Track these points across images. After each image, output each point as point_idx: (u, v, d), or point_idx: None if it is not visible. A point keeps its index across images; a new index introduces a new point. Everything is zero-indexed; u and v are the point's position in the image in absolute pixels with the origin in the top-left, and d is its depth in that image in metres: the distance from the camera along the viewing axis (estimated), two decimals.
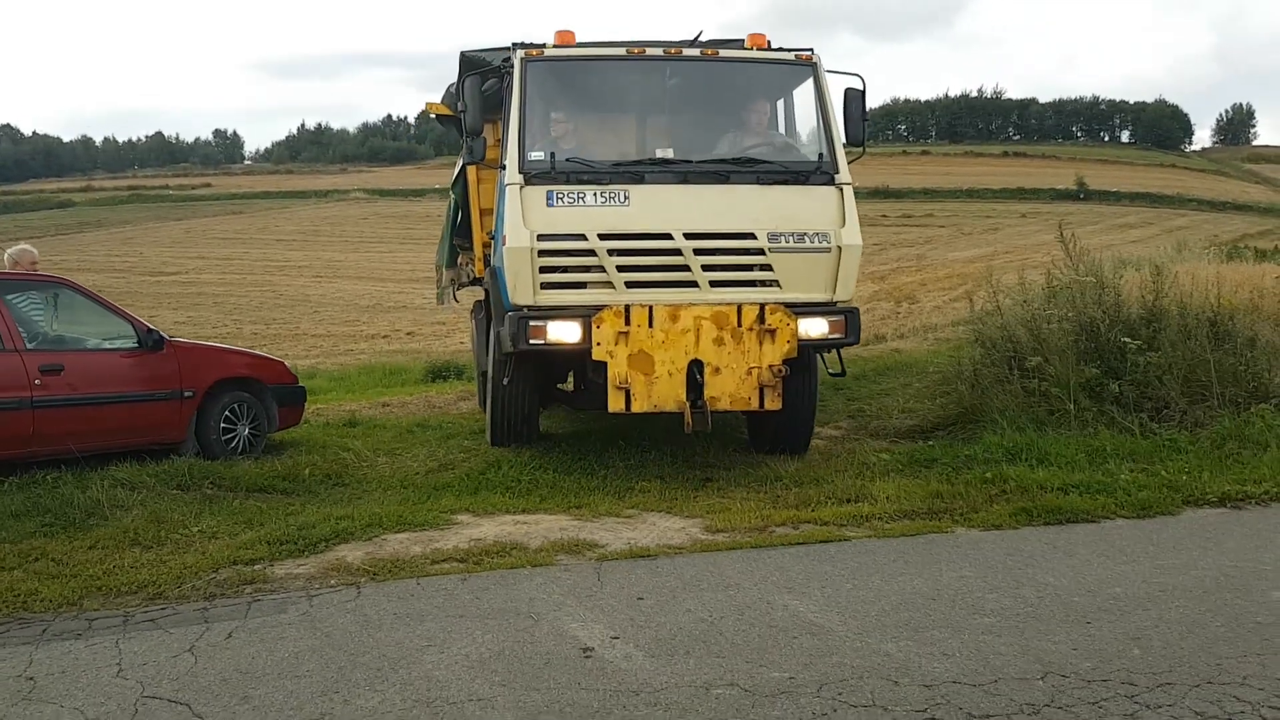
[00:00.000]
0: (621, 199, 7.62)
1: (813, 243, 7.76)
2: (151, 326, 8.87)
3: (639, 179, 7.73)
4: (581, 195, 7.60)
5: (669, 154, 8.00)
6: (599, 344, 7.45)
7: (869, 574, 5.45)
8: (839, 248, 7.80)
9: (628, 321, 7.47)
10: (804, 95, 8.60)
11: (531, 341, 7.50)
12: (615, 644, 4.47)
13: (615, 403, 7.49)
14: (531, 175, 7.63)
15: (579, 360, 8.05)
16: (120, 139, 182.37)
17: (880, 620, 4.74)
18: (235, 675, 4.19)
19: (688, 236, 7.63)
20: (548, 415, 10.47)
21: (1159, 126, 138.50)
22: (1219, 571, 5.39)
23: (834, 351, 8.42)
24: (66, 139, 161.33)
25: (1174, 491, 6.92)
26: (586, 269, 7.66)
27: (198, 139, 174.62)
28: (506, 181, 7.69)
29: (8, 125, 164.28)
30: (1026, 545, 5.97)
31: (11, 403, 7.74)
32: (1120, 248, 28.37)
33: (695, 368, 7.56)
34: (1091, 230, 54.36)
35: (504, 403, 8.80)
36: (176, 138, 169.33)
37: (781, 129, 8.95)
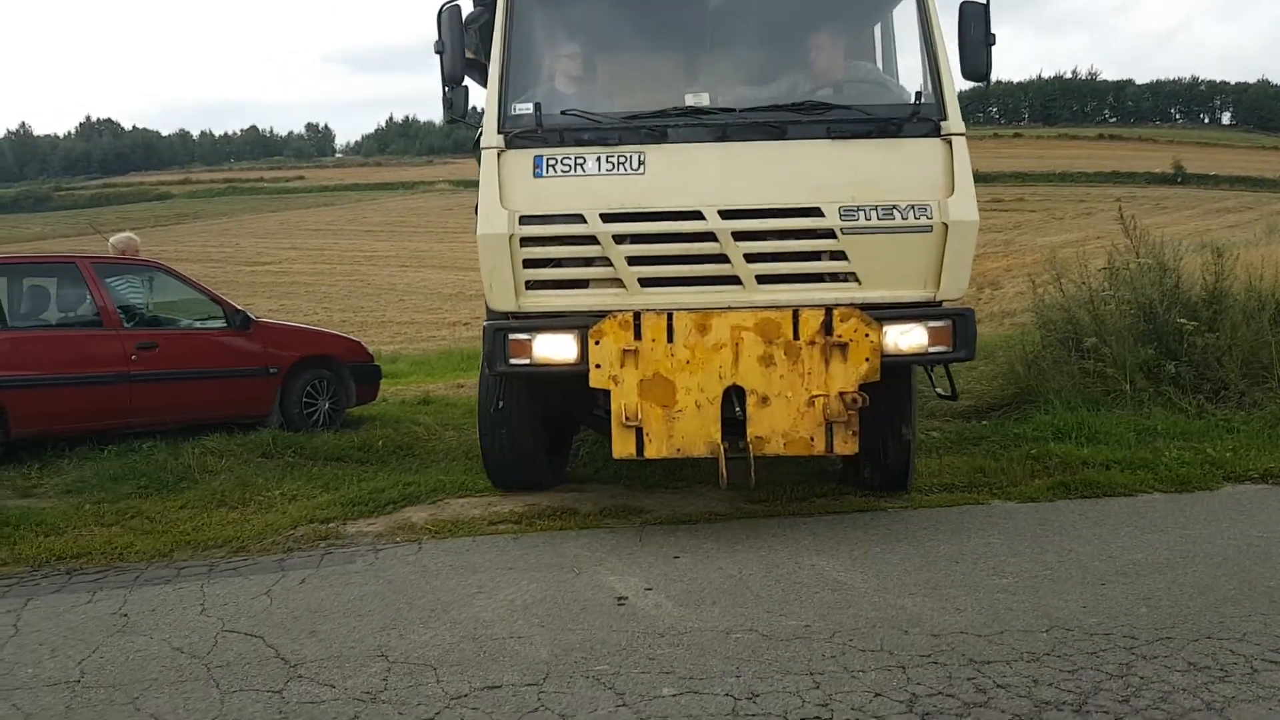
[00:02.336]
0: (635, 165, 5.70)
1: (906, 218, 5.63)
2: (239, 307, 9.48)
3: (660, 137, 5.76)
4: (581, 161, 5.71)
5: (703, 100, 5.93)
6: (598, 366, 5.54)
7: (898, 539, 5.72)
8: (945, 225, 5.59)
9: (638, 334, 5.52)
10: (905, 17, 6.34)
11: (512, 361, 5.73)
12: (648, 594, 4.83)
13: (622, 446, 5.53)
14: (514, 135, 5.77)
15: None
16: (216, 133, 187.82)
17: (900, 579, 5.02)
18: (305, 614, 4.67)
19: (725, 215, 5.60)
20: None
21: (1261, 108, 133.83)
22: (1244, 541, 5.54)
23: (945, 368, 6.35)
24: (165, 133, 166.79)
25: (1216, 468, 7.03)
26: (588, 262, 5.74)
27: (290, 132, 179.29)
28: (483, 144, 5.84)
29: (109, 120, 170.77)
30: (1059, 516, 6.17)
31: (111, 377, 8.42)
32: (1216, 232, 27.79)
33: (734, 397, 5.57)
34: (1188, 215, 52.99)
35: (495, 437, 6.78)
36: (270, 131, 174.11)
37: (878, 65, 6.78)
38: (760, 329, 5.57)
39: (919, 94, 5.83)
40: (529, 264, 5.74)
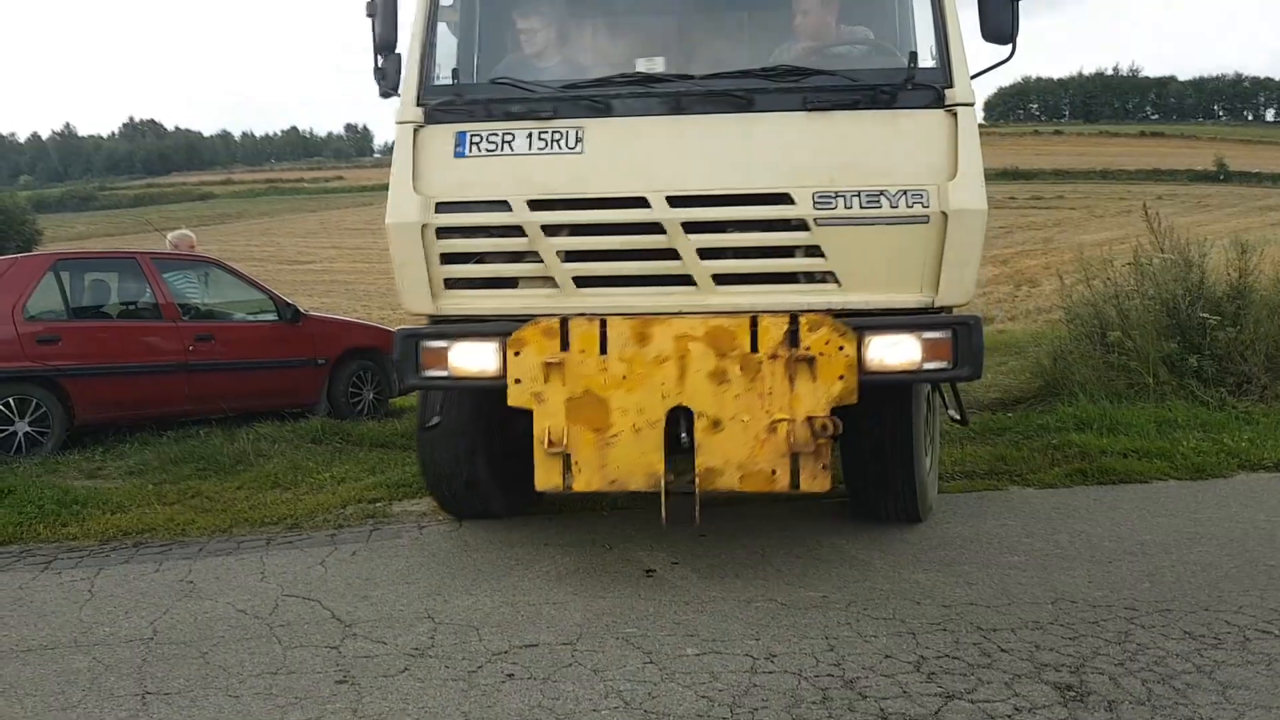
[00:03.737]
0: (571, 142, 4.86)
1: (896, 206, 4.68)
2: (290, 301, 9.92)
3: (602, 109, 4.88)
4: (509, 138, 4.90)
5: (657, 66, 5.02)
6: (517, 380, 4.71)
7: (915, 521, 5.98)
8: (944, 214, 4.64)
9: (565, 343, 4.68)
10: None
11: (426, 373, 4.98)
12: (675, 568, 5.14)
13: (545, 475, 4.68)
14: (435, 107, 5.00)
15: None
16: (257, 134, 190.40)
17: (916, 557, 5.29)
18: (357, 581, 5.03)
19: (674, 202, 4.73)
20: None
21: None
22: (1250, 525, 5.76)
23: (950, 387, 5.71)
24: (207, 134, 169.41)
25: (1231, 457, 7.24)
26: (517, 257, 4.95)
27: (330, 133, 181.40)
28: (397, 119, 5.06)
29: (152, 120, 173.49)
30: (1074, 501, 6.41)
31: (170, 367, 8.90)
32: (1257, 230, 27.68)
33: (680, 420, 4.68)
34: (1229, 213, 52.53)
35: (434, 459, 5.95)
36: (310, 132, 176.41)
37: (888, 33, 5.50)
38: (711, 339, 4.61)
39: (914, 55, 4.92)
40: (448, 259, 4.97)
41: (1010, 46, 4.98)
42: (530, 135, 4.90)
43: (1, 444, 8.32)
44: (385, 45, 5.18)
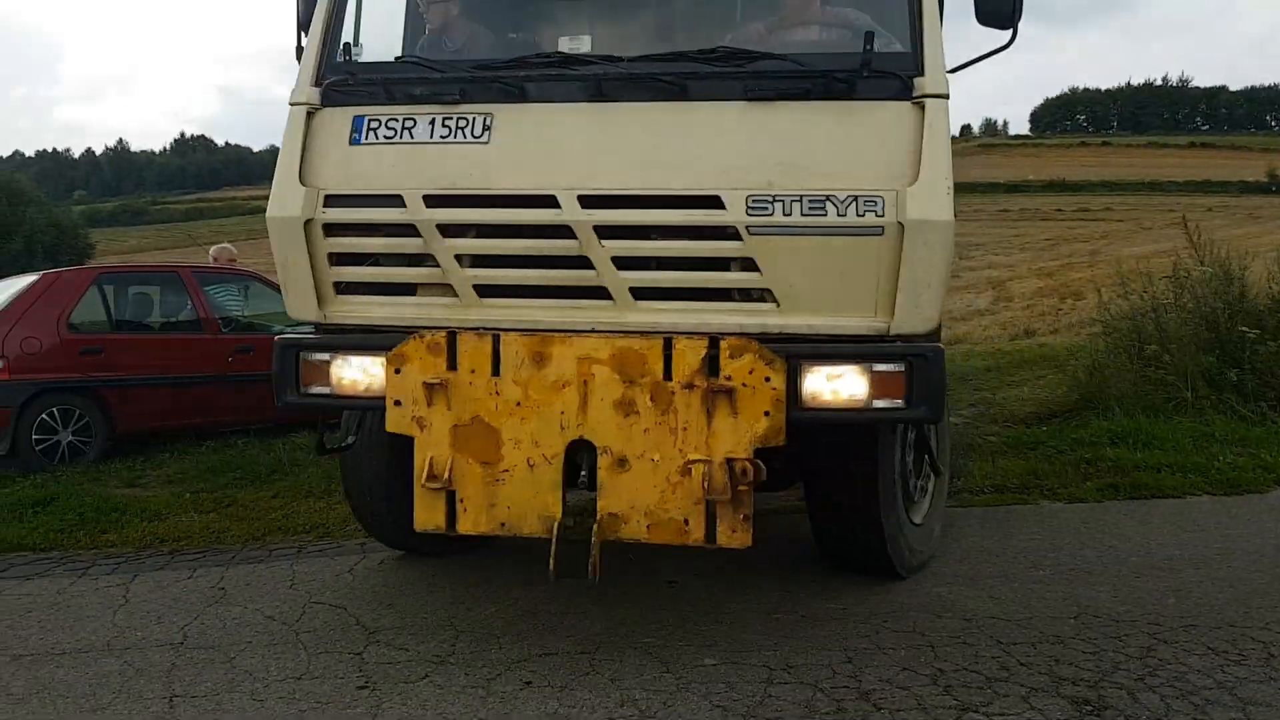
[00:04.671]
0: (477, 130, 4.28)
1: (844, 214, 4.00)
2: None
3: (515, 93, 4.30)
4: (410, 123, 4.34)
5: (582, 45, 4.53)
6: (397, 403, 4.14)
7: (941, 535, 5.95)
8: (900, 224, 3.95)
9: (451, 361, 4.11)
10: None
11: (306, 389, 4.41)
12: (697, 579, 5.17)
13: (426, 513, 4.13)
14: (331, 87, 4.47)
15: None
16: None
17: (940, 571, 5.27)
18: (383, 589, 5.11)
19: (587, 203, 4.13)
20: None
21: None
22: None
23: (918, 431, 5.10)
24: (256, 149, 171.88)
25: (1268, 473, 7.13)
26: (414, 260, 4.37)
27: None
28: (291, 100, 4.51)
29: (203, 136, 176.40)
30: (1104, 516, 6.35)
31: (210, 378, 9.07)
32: None
33: (582, 456, 4.09)
34: None
35: (359, 484, 5.44)
36: None
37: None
38: (618, 363, 4.01)
39: (870, 35, 4.12)
40: (338, 259, 4.41)
41: (1010, 32, 4.38)
42: (434, 121, 4.33)
43: (45, 453, 8.53)
44: (309, 22, 4.68)
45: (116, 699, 3.90)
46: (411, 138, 4.34)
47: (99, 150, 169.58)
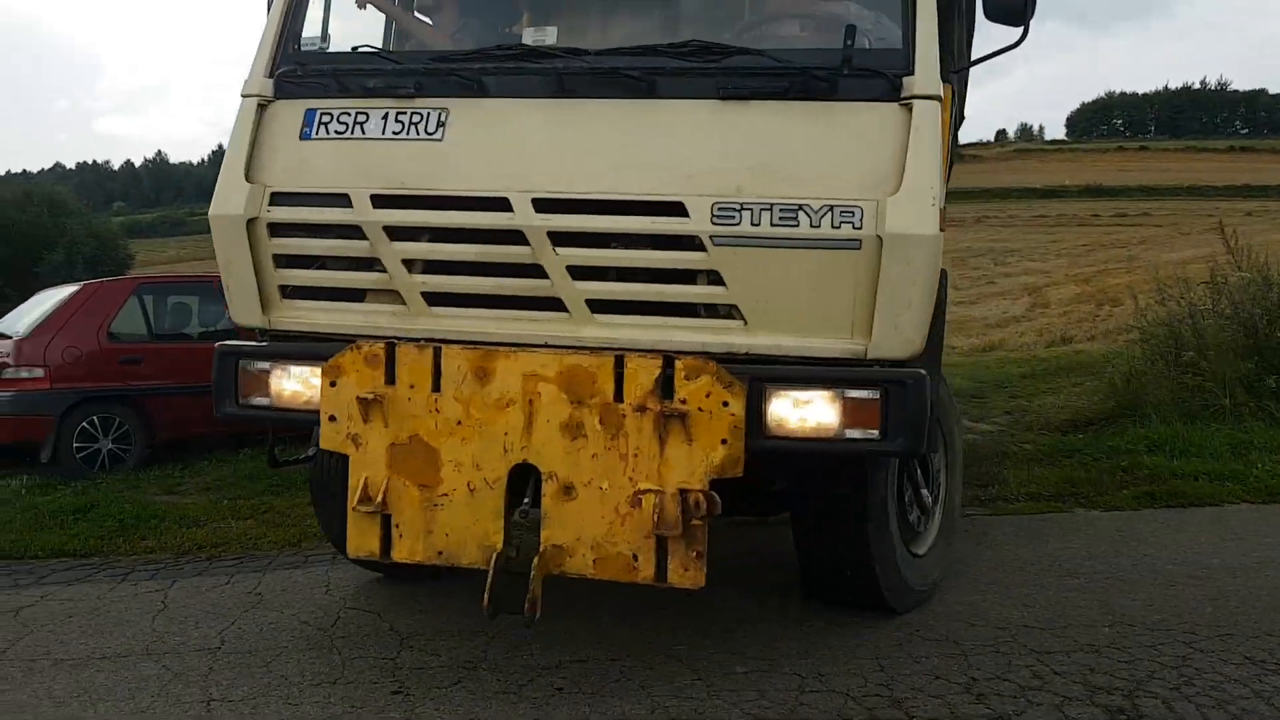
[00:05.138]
0: (431, 127, 4.02)
1: (818, 226, 3.67)
2: None
3: (473, 87, 4.03)
4: (363, 118, 4.09)
5: (547, 37, 4.21)
6: (332, 418, 3.88)
7: (977, 544, 5.93)
8: (879, 238, 3.63)
9: (390, 375, 3.84)
10: None
11: (246, 400, 4.19)
12: (729, 587, 5.13)
13: (359, 538, 3.89)
14: (285, 78, 4.23)
15: None
16: None
17: (974, 579, 5.25)
18: (418, 594, 5.15)
19: (541, 207, 3.85)
20: None
21: None
22: None
23: (896, 465, 4.57)
24: None
25: None
26: (365, 263, 4.13)
27: None
28: (242, 91, 4.27)
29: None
30: (1140, 524, 6.29)
31: None
32: None
33: (526, 480, 3.80)
34: None
35: (322, 492, 5.32)
36: None
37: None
38: (566, 382, 3.71)
39: (851, 29, 3.79)
40: (284, 261, 4.17)
41: (1023, 29, 3.98)
42: (386, 116, 4.06)
43: (86, 460, 8.68)
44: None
45: (155, 702, 3.96)
46: (363, 133, 4.08)
47: (138, 162, 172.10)
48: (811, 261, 3.71)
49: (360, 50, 4.38)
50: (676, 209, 3.76)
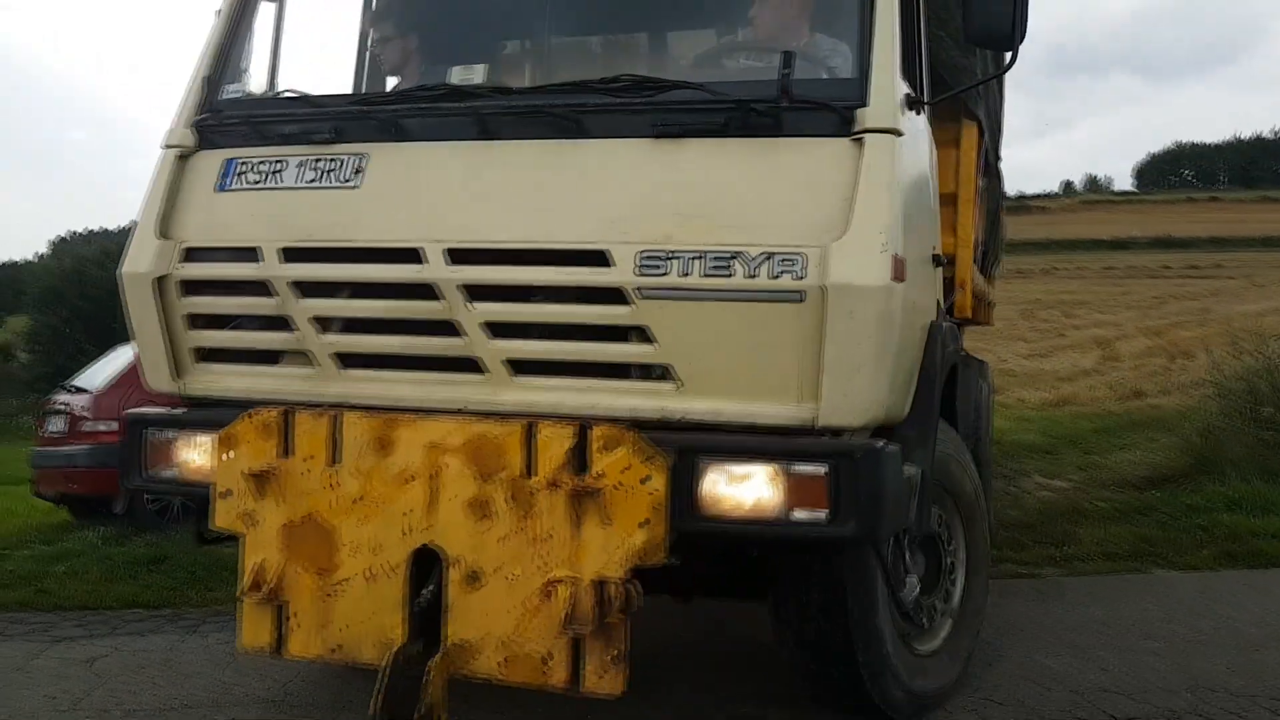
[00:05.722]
0: (348, 173, 3.71)
1: (755, 275, 3.27)
2: None
3: (392, 131, 3.73)
4: (280, 166, 3.81)
5: (474, 76, 3.96)
6: (225, 494, 3.56)
7: (1051, 603, 5.80)
8: (824, 289, 3.21)
9: (286, 445, 3.50)
10: None
11: (152, 471, 3.90)
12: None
13: (252, 630, 3.57)
14: (202, 126, 3.96)
15: None
16: None
17: (1048, 642, 5.11)
18: None
19: (455, 258, 3.51)
20: None
21: None
22: None
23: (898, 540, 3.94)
24: None
25: None
26: (280, 323, 3.79)
27: None
28: (163, 142, 4.00)
29: None
30: (1220, 585, 6.12)
31: None
32: None
33: (428, 566, 3.39)
34: None
35: None
36: None
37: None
38: (472, 453, 3.30)
39: (789, 57, 3.38)
40: (198, 322, 3.88)
41: (1011, 53, 3.67)
42: (303, 164, 3.76)
43: (158, 513, 8.83)
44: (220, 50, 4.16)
45: None
46: (279, 183, 3.78)
47: None
48: (749, 316, 3.28)
49: (283, 95, 4.07)
50: (599, 258, 3.38)
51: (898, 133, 3.40)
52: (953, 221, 4.93)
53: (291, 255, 3.69)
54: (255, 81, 4.17)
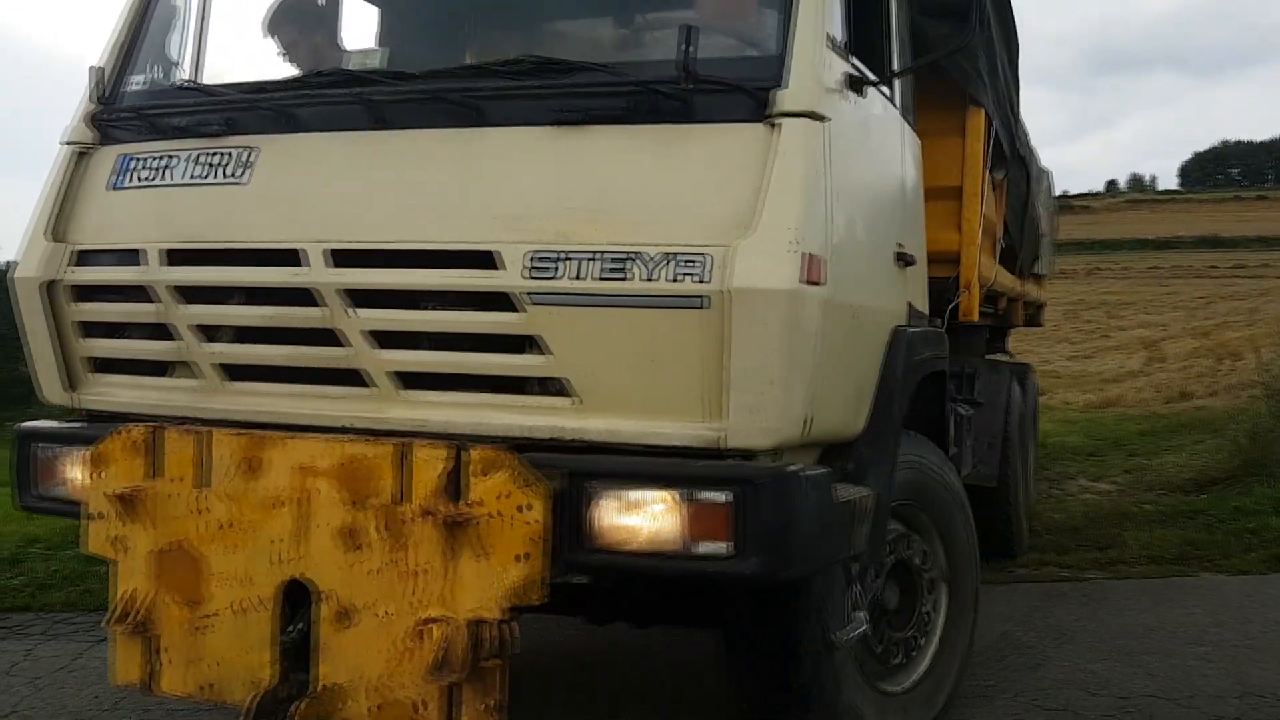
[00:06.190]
0: (237, 169, 3.41)
1: (654, 277, 2.93)
2: None
3: (284, 122, 3.41)
4: (171, 162, 3.51)
5: (373, 61, 3.81)
6: (97, 516, 3.26)
7: (1096, 608, 5.75)
8: (728, 293, 2.86)
9: (154, 465, 3.19)
10: None
11: (44, 490, 3.64)
12: None
13: (123, 666, 3.24)
14: (98, 120, 3.69)
15: None
16: None
17: (1093, 646, 5.08)
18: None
19: (337, 259, 3.21)
20: None
21: None
22: None
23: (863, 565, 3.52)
24: None
25: None
26: (164, 331, 3.49)
27: None
28: (62, 138, 3.76)
29: None
30: (1269, 589, 6.04)
31: None
32: None
33: (304, 599, 3.08)
34: None
35: None
36: None
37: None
38: (343, 477, 2.97)
39: (688, 31, 2.99)
40: (91, 330, 3.62)
41: (968, 24, 3.46)
42: (194, 159, 3.46)
43: None
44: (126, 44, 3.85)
45: None
46: (170, 178, 3.48)
47: None
48: (649, 324, 2.92)
49: (181, 85, 3.76)
50: (486, 259, 3.04)
51: (819, 117, 3.03)
52: (958, 217, 4.68)
53: (174, 258, 3.42)
54: (177, 73, 3.86)
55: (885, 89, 3.69)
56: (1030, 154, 6.43)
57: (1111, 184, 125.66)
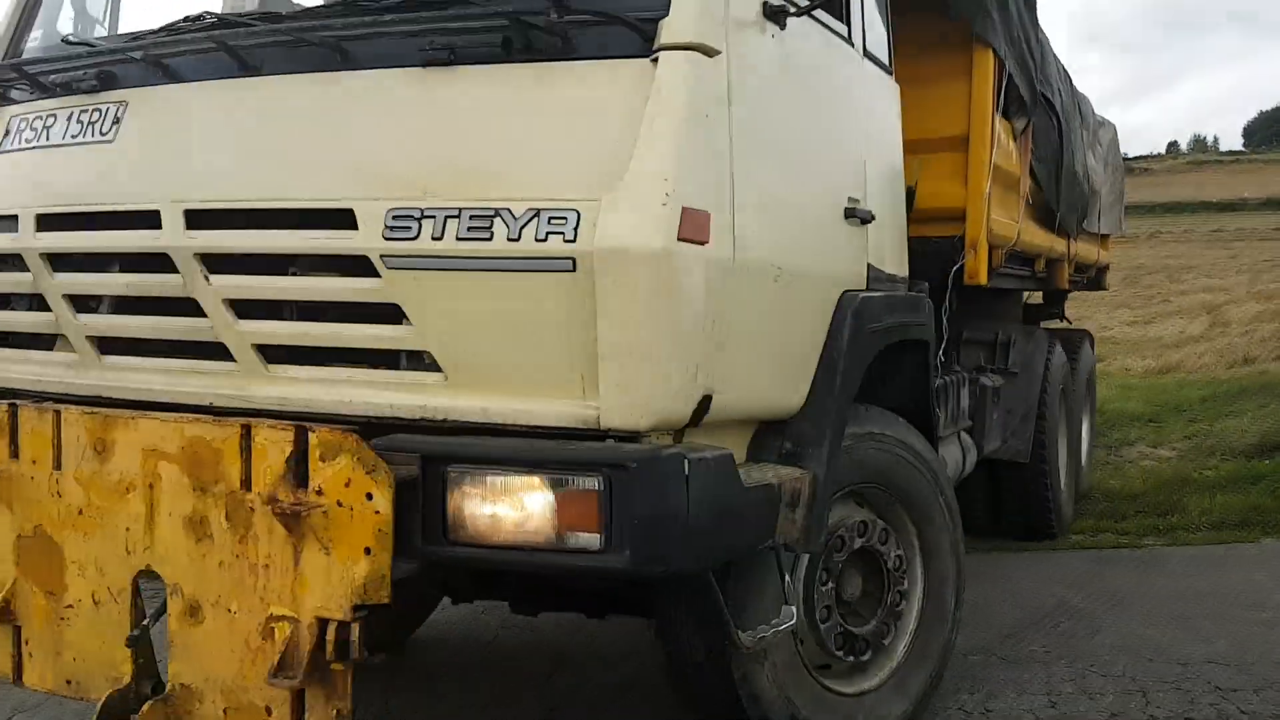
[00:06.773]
0: (106, 126, 3.16)
1: (518, 237, 2.58)
2: None
3: (157, 73, 3.13)
4: (51, 122, 3.30)
5: (246, 4, 3.73)
6: None
7: (1153, 574, 5.66)
8: (594, 254, 2.52)
9: (14, 447, 2.96)
10: None
11: None
12: None
13: None
14: (3, 81, 3.49)
15: None
16: None
17: (1150, 612, 4.99)
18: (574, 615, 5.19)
19: (192, 221, 2.94)
20: None
21: None
22: None
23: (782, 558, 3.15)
24: None
25: None
26: (41, 302, 3.29)
27: None
28: None
29: None
30: None
31: None
32: None
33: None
34: None
35: None
36: None
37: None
38: (188, 461, 2.70)
39: None
40: None
41: None
42: (70, 117, 3.23)
43: None
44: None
45: None
46: (48, 139, 3.27)
47: None
48: (516, 289, 2.61)
49: (68, 40, 3.50)
50: (345, 218, 2.75)
51: (709, 50, 2.68)
52: (964, 170, 4.36)
53: (46, 223, 3.18)
54: (78, 27, 3.66)
55: (839, 22, 3.35)
56: (1063, 98, 5.77)
57: (1172, 145, 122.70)
